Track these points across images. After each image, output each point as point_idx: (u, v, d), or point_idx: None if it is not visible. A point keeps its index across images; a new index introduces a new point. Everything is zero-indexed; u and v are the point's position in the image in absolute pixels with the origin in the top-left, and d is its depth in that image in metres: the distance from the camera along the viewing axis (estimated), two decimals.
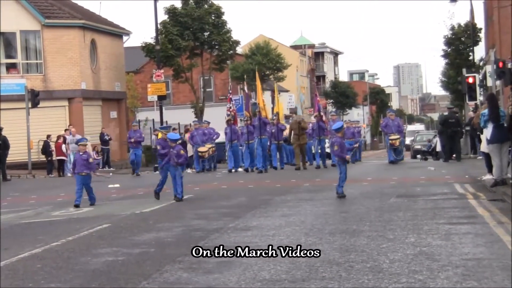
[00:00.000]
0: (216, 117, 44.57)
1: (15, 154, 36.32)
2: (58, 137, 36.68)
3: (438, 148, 37.05)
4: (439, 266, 9.77)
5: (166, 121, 45.05)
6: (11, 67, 41.19)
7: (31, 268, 11.04)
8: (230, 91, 33.65)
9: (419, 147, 51.03)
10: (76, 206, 19.42)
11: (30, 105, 36.26)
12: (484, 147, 20.88)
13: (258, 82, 33.63)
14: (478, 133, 23.86)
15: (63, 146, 35.82)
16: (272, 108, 64.01)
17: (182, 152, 19.87)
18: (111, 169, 39.91)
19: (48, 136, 37.01)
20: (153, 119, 49.85)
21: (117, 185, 26.46)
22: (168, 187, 20.53)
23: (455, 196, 18.16)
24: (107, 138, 41.34)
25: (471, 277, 9.08)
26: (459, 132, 32.93)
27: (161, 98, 45.26)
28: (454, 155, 32.40)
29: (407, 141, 50.24)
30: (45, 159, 36.66)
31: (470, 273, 9.26)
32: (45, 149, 36.65)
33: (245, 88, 34.58)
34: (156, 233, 13.97)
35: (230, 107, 31.72)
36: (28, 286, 9.90)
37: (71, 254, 12.13)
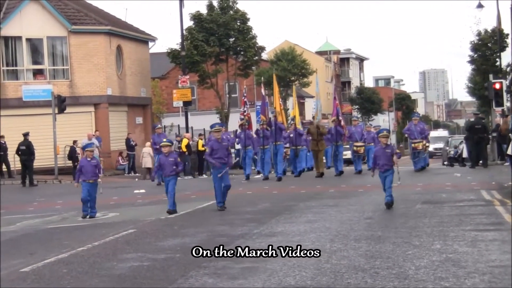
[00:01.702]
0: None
1: (41, 159, 36.55)
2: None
3: (465, 155, 36.77)
4: (465, 273, 9.71)
5: (192, 127, 45.22)
6: (38, 73, 41.46)
7: (57, 273, 11.10)
8: (245, 94, 32.25)
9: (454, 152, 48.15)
10: (88, 217, 18.52)
11: (56, 111, 36.48)
12: (511, 150, 20.75)
13: (275, 86, 31.81)
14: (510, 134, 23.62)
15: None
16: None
17: (178, 159, 18.81)
18: (137, 174, 40.06)
19: (75, 142, 37.19)
20: (178, 125, 50.03)
21: (143, 191, 26.57)
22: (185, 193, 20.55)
23: (482, 203, 18.04)
24: (133, 144, 41.51)
25: (498, 284, 9.01)
26: (485, 138, 32.65)
27: (187, 104, 45.47)
28: (480, 162, 32.14)
29: (430, 147, 48.19)
30: (71, 164, 36.80)
31: (496, 280, 9.19)
32: (71, 155, 36.83)
33: (262, 91, 32.13)
34: (181, 239, 14.00)
35: (244, 111, 30.18)
36: None
37: (96, 259, 12.19)
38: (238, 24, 52.12)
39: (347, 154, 35.10)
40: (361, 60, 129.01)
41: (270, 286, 9.45)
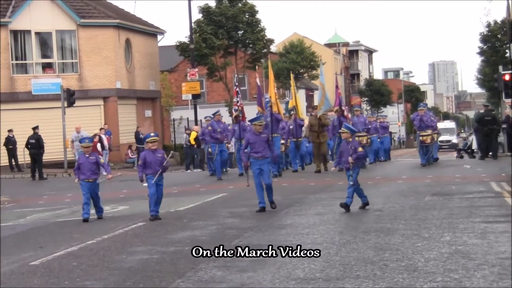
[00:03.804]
0: (251, 115, 44.40)
1: (51, 153, 36.59)
2: (94, 136, 36.92)
3: (474, 146, 36.65)
4: (475, 265, 9.69)
5: (201, 120, 45.20)
6: (47, 66, 41.50)
7: (67, 266, 11.13)
8: (237, 83, 30.70)
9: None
10: (85, 220, 16.51)
11: (66, 104, 36.52)
12: None
13: (270, 74, 28.86)
14: None
15: (98, 145, 36.09)
16: (308, 106, 63.75)
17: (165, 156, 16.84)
18: None
19: None
20: (187, 118, 50.05)
21: None
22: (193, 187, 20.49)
23: (491, 195, 17.99)
24: (142, 137, 41.52)
25: (508, 276, 8.98)
26: (495, 130, 32.50)
27: (195, 96, 45.45)
28: (490, 153, 32.03)
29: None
30: None
31: (506, 272, 9.17)
32: None
33: (258, 81, 28.90)
34: (190, 232, 14.01)
35: (238, 102, 28.09)
36: (63, 283, 9.99)
37: (106, 252, 12.22)
38: (247, 16, 52.06)
39: None
40: (370, 52, 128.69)
41: (279, 279, 9.45)
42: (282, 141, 28.05)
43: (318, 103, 28.71)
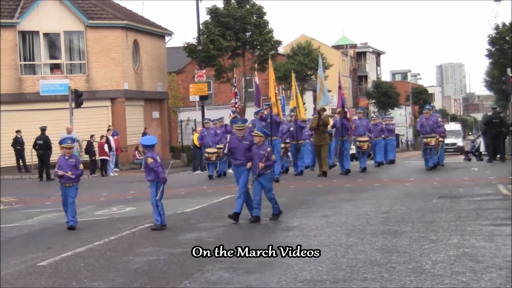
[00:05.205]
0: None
1: (58, 154, 36.42)
2: (101, 137, 37.01)
3: (482, 149, 36.57)
4: (482, 267, 9.67)
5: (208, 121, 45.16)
6: (55, 67, 41.59)
7: (74, 267, 11.15)
8: (235, 84, 30.03)
9: None
10: (71, 228, 15.57)
11: (73, 105, 36.58)
12: None
13: (271, 73, 26.78)
14: None
15: (106, 146, 36.17)
16: (313, 108, 63.71)
17: (158, 159, 15.49)
18: None
19: (92, 136, 37.32)
20: (194, 119, 50.09)
21: None
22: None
23: (499, 197, 17.94)
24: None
25: None
26: (503, 132, 32.43)
27: (203, 98, 45.48)
28: (498, 156, 31.96)
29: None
30: (88, 159, 36.90)
31: None
32: (89, 149, 36.92)
33: (256, 79, 27.24)
34: (197, 233, 14.01)
35: (236, 103, 27.41)
36: (71, 284, 10.01)
37: (113, 253, 12.23)
38: (255, 18, 52.09)
39: (352, 149, 32.16)
40: (378, 54, 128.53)
41: (286, 280, 9.45)
42: (283, 145, 27.18)
43: (317, 97, 27.37)
